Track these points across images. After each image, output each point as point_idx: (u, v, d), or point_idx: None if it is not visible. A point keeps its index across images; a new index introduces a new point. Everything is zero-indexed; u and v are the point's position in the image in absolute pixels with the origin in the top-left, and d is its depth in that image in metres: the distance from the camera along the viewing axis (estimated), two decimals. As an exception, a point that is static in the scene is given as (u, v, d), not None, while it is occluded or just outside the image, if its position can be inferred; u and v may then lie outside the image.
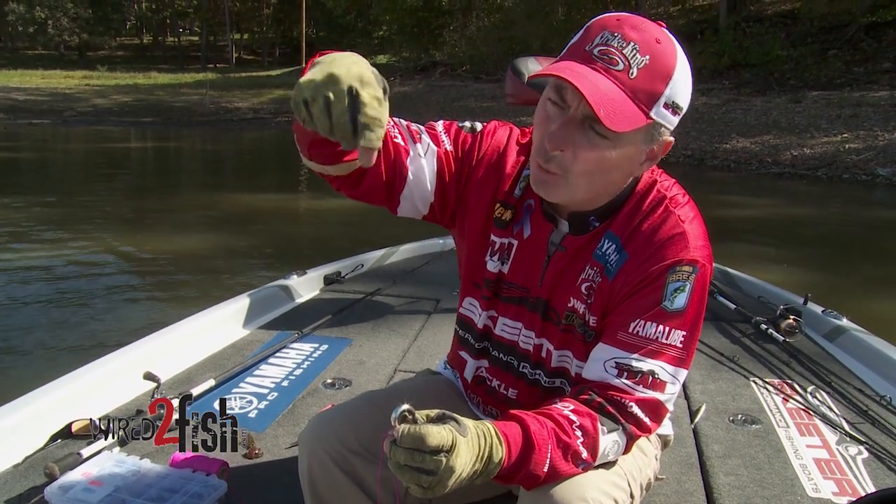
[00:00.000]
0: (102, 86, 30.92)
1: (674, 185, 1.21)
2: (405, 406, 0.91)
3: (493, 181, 1.26)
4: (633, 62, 1.02)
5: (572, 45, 1.08)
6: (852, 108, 14.58)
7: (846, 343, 2.65)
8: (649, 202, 1.17)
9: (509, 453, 0.98)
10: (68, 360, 3.53)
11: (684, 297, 1.11)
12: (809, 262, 6.67)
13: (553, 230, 1.22)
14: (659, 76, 1.03)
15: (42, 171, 12.73)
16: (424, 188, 1.23)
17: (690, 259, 1.12)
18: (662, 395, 1.13)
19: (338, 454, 1.22)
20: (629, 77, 1.02)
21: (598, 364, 1.13)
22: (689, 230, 1.13)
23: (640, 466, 1.26)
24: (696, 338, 1.16)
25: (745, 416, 2.07)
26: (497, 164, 1.26)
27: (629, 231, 1.16)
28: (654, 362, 1.11)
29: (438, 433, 0.89)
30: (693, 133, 15.07)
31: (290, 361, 2.43)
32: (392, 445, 0.89)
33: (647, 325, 1.11)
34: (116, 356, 2.19)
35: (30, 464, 1.71)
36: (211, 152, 17.51)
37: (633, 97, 1.02)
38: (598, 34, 1.04)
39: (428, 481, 0.89)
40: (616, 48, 1.02)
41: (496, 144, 1.28)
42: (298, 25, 43.81)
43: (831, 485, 1.71)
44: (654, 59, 1.03)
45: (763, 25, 19.67)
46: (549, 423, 1.04)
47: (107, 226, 7.85)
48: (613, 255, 1.17)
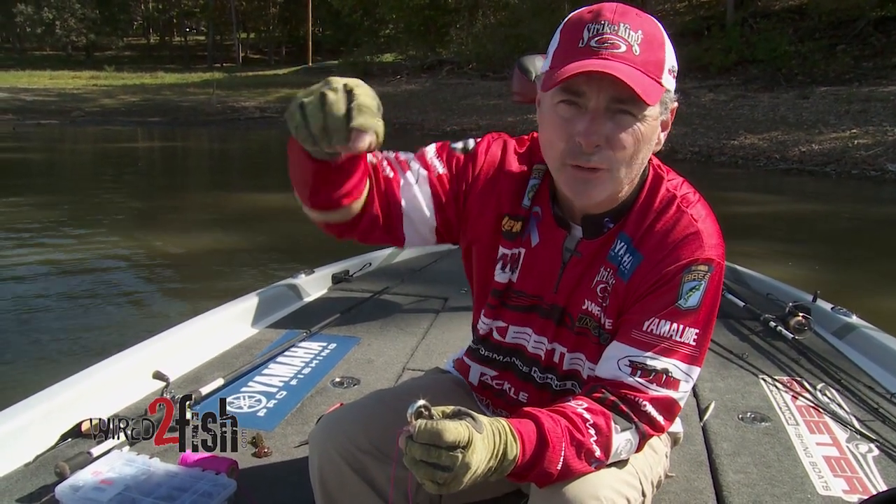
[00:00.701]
0: (110, 86, 31.04)
1: (683, 183, 1.21)
2: (421, 402, 0.91)
3: (494, 196, 1.25)
4: (632, 41, 1.04)
5: (559, 51, 1.08)
6: (861, 103, 14.49)
7: (856, 340, 2.63)
8: (660, 200, 1.17)
9: (524, 451, 0.98)
10: (78, 359, 3.55)
11: (698, 296, 1.11)
12: (818, 258, 6.64)
13: (567, 236, 1.22)
14: (656, 46, 1.07)
15: (51, 172, 12.79)
16: (423, 215, 1.23)
17: (706, 258, 1.12)
18: (676, 394, 1.13)
19: (348, 453, 1.22)
20: (635, 55, 1.04)
21: (611, 362, 1.13)
22: (702, 229, 1.13)
23: (652, 464, 1.26)
24: (710, 336, 1.16)
25: (755, 413, 2.07)
26: (496, 178, 1.26)
27: (641, 231, 1.16)
28: (667, 360, 1.11)
29: (455, 429, 0.88)
30: (701, 130, 15.02)
31: (298, 360, 2.43)
32: (408, 441, 0.89)
33: (662, 324, 1.11)
34: (125, 356, 2.20)
35: (40, 463, 1.71)
36: (218, 151, 17.55)
37: (645, 71, 1.04)
38: (585, 29, 1.06)
39: (443, 477, 0.89)
40: (611, 34, 1.04)
41: (492, 160, 1.27)
42: (305, 24, 43.86)
43: (841, 482, 1.70)
44: (646, 32, 1.06)
45: (770, 21, 19.57)
46: (563, 421, 1.04)
47: (114, 225, 7.88)
48: (626, 255, 1.16)
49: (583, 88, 1.04)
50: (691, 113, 16.25)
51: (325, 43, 44.91)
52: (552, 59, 1.09)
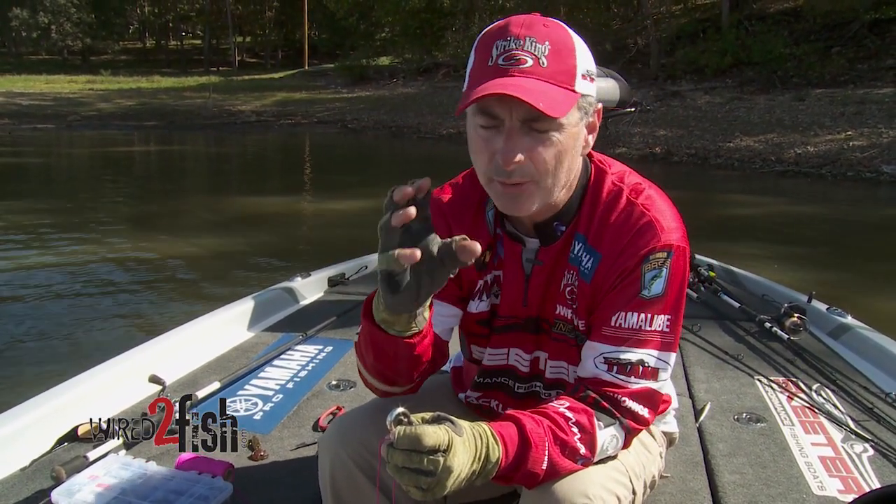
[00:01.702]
0: (106, 90, 31.00)
1: (629, 173, 1.22)
2: (400, 409, 0.92)
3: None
4: (539, 53, 1.05)
5: (473, 69, 1.09)
6: (856, 105, 14.52)
7: (851, 340, 2.64)
8: (607, 193, 1.18)
9: (506, 452, 0.98)
10: (73, 363, 3.53)
11: (662, 283, 1.12)
12: (814, 259, 6.65)
13: (522, 249, 1.23)
14: (565, 54, 1.06)
15: (47, 176, 12.77)
16: (452, 316, 1.29)
17: (663, 245, 1.13)
18: (655, 383, 1.14)
19: (360, 457, 1.22)
20: (542, 67, 1.04)
21: (588, 361, 1.15)
22: (655, 217, 1.14)
23: (644, 463, 1.27)
24: (680, 319, 1.17)
25: (750, 414, 2.07)
26: (452, 228, 1.27)
27: (594, 228, 1.17)
28: (641, 351, 1.12)
29: (434, 433, 0.89)
30: (696, 132, 15.05)
31: (294, 363, 2.43)
32: (389, 448, 0.90)
33: (629, 316, 1.12)
34: (122, 359, 2.20)
35: (36, 467, 1.71)
36: (215, 155, 17.53)
37: (556, 83, 1.05)
38: (493, 47, 1.06)
39: (427, 482, 0.89)
40: (517, 49, 1.05)
41: (436, 226, 1.30)
42: (301, 28, 43.91)
43: (837, 482, 1.70)
44: (554, 42, 1.06)
45: (766, 23, 19.61)
46: (545, 422, 1.05)
47: (111, 230, 7.87)
48: (585, 255, 1.18)
49: (495, 110, 1.06)
50: (687, 115, 16.29)
51: (321, 46, 44.92)
52: (468, 77, 1.11)
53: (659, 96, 17.71)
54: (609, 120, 3.35)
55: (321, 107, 25.41)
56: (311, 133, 20.70)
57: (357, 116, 22.91)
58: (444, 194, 1.30)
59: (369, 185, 10.81)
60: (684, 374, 2.39)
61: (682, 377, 2.35)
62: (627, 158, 13.81)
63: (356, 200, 9.58)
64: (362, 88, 28.94)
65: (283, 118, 23.26)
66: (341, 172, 13.34)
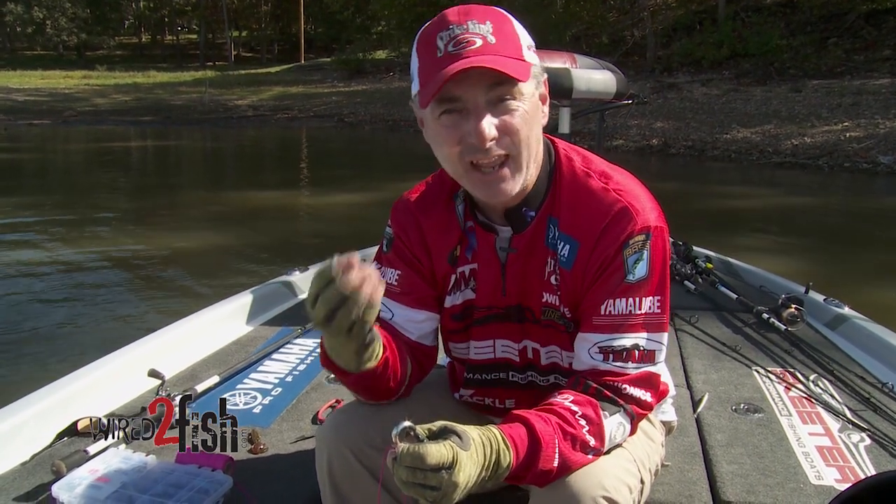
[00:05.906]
0: (102, 85, 30.94)
1: (594, 158, 1.23)
2: (406, 423, 0.92)
3: (440, 243, 1.28)
4: (484, 32, 1.08)
5: (423, 65, 1.11)
6: (853, 96, 14.54)
7: (848, 331, 2.65)
8: (574, 177, 1.19)
9: (517, 455, 0.99)
10: (72, 358, 3.54)
11: (645, 265, 1.13)
12: (811, 251, 6.66)
13: (496, 238, 1.24)
14: (507, 30, 1.10)
15: (43, 172, 12.74)
16: (433, 322, 1.32)
17: (641, 228, 1.14)
18: (652, 366, 1.15)
19: (359, 449, 1.23)
20: (491, 44, 1.07)
21: (584, 353, 1.15)
22: (629, 201, 1.15)
23: (649, 453, 1.28)
24: (667, 298, 1.18)
25: (748, 404, 2.08)
26: (421, 223, 1.28)
27: (565, 211, 1.18)
28: (634, 335, 1.13)
29: (438, 451, 0.89)
30: (693, 124, 15.04)
31: (293, 357, 2.44)
32: (394, 462, 0.91)
33: (618, 302, 1.13)
34: (121, 354, 2.20)
35: (37, 461, 1.72)
36: (211, 150, 17.51)
37: (507, 55, 1.07)
38: (438, 39, 1.08)
39: (433, 496, 0.90)
40: (463, 33, 1.07)
41: (405, 226, 1.31)
42: (297, 22, 43.78)
43: (834, 472, 1.71)
44: (494, 21, 1.09)
45: (762, 15, 19.61)
46: (553, 418, 1.05)
47: (108, 225, 7.86)
48: (560, 242, 1.18)
49: (457, 93, 1.07)
50: (684, 107, 16.29)
51: (317, 40, 44.85)
52: (418, 78, 1.12)
53: (655, 88, 17.71)
54: (606, 112, 3.35)
55: (318, 101, 25.37)
56: (307, 127, 20.66)
57: (353, 110, 22.88)
58: (412, 194, 1.32)
59: (366, 179, 10.82)
60: (682, 365, 2.39)
61: (679, 368, 2.36)
62: (624, 151, 13.88)
63: (353, 194, 9.58)
64: (359, 82, 28.90)
65: (280, 112, 23.22)
66: (338, 166, 13.33)
